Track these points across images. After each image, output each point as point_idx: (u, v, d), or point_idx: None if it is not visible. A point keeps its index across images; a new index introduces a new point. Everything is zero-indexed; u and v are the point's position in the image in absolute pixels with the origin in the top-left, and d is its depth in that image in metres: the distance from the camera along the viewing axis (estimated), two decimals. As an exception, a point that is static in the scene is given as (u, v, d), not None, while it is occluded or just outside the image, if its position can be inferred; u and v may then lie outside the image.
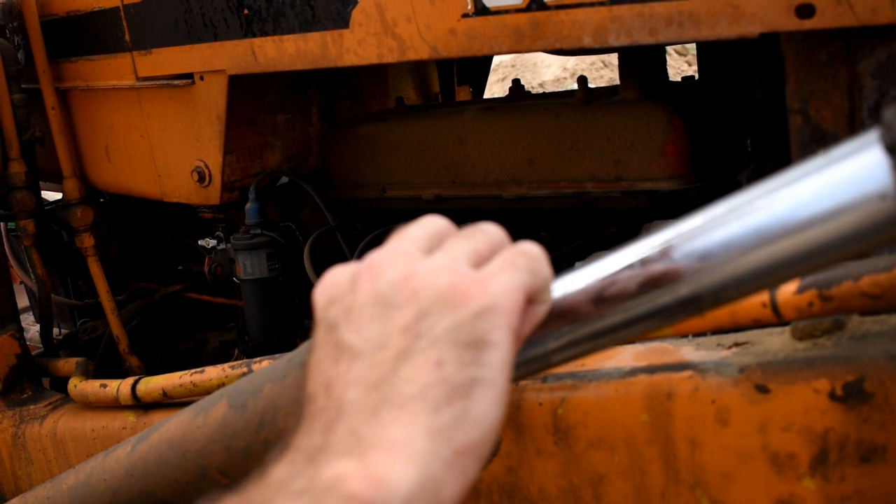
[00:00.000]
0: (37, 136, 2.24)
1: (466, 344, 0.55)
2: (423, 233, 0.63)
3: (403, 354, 0.56)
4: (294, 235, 2.06)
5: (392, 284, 0.58)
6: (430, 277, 0.58)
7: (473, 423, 0.54)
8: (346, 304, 0.60)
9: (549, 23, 1.33)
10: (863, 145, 0.55)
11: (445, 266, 0.59)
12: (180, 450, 1.16)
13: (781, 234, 0.57)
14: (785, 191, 0.58)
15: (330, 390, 0.56)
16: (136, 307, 2.51)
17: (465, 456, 0.53)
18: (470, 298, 0.57)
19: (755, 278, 0.60)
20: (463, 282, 0.57)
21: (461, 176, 1.90)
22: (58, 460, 2.06)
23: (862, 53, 1.11)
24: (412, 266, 0.59)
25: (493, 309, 0.57)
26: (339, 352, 0.58)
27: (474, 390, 0.55)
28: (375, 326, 0.57)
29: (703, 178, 1.64)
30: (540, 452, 1.17)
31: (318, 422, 0.56)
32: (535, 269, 0.60)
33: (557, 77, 9.43)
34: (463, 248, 0.61)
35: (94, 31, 2.13)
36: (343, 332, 0.58)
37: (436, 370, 0.55)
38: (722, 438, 1.04)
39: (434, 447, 0.52)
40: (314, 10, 1.62)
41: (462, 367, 0.55)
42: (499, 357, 0.56)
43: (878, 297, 0.94)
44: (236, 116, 1.97)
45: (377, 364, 0.56)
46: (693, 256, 0.61)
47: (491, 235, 0.63)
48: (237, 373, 1.57)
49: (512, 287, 0.58)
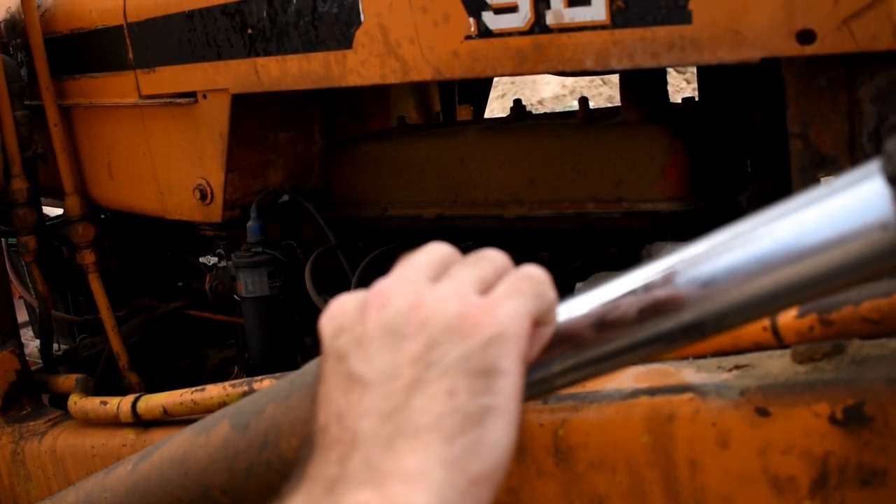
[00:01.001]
0: (39, 152, 2.24)
1: (477, 372, 0.56)
2: (429, 260, 0.64)
3: (415, 385, 0.56)
4: (295, 253, 2.06)
5: (401, 314, 0.59)
6: (438, 306, 0.59)
7: (487, 451, 0.55)
8: (356, 334, 0.60)
9: (552, 45, 1.34)
10: (864, 175, 0.56)
11: (453, 294, 0.59)
12: (182, 469, 1.17)
13: (784, 262, 0.58)
14: (788, 219, 0.58)
15: (342, 421, 0.57)
16: (136, 324, 2.50)
17: (479, 484, 0.55)
18: (479, 327, 0.57)
19: (758, 305, 0.61)
20: (472, 310, 0.58)
21: (462, 195, 1.91)
22: (57, 477, 2.05)
23: (862, 79, 1.12)
24: (420, 295, 0.60)
25: (503, 336, 0.57)
26: (350, 383, 0.58)
27: (487, 418, 0.55)
28: (386, 357, 0.58)
29: (704, 199, 1.65)
30: (541, 473, 1.18)
31: (332, 452, 0.56)
32: (540, 292, 0.61)
33: (557, 94, 9.47)
34: (469, 276, 0.62)
35: (97, 48, 2.14)
36: (353, 363, 0.59)
37: (448, 400, 0.55)
38: (723, 461, 1.04)
39: (449, 477, 0.53)
40: (318, 31, 1.63)
41: (474, 396, 0.56)
42: (510, 384, 0.57)
43: (879, 321, 0.95)
44: (239, 135, 1.98)
45: (389, 395, 0.56)
46: (697, 283, 0.61)
47: (495, 262, 0.64)
48: (238, 391, 1.57)
49: (519, 313, 0.59)
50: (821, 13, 1.09)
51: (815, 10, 1.09)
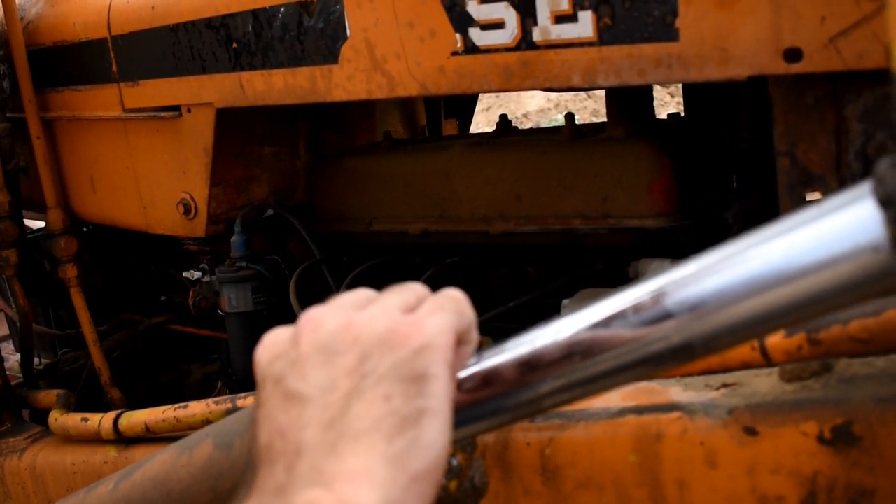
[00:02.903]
0: (21, 165, 2.23)
1: (410, 378, 0.59)
2: (355, 296, 0.68)
3: (352, 394, 0.59)
4: (280, 269, 2.05)
5: (332, 334, 0.62)
6: (367, 325, 0.62)
7: (425, 449, 0.58)
8: (290, 357, 0.63)
9: (539, 62, 1.34)
10: (855, 197, 0.55)
11: (381, 313, 0.63)
12: (164, 489, 1.15)
13: (775, 284, 0.57)
14: (778, 240, 0.58)
15: (285, 436, 0.59)
16: (118, 338, 2.48)
17: (420, 481, 0.57)
18: (407, 339, 0.61)
19: (748, 327, 0.60)
20: (399, 325, 0.62)
21: (448, 211, 1.90)
22: (37, 495, 2.03)
23: (849, 97, 1.12)
24: (349, 317, 0.63)
25: (430, 346, 0.61)
26: (289, 401, 0.61)
27: (422, 420, 0.58)
28: (321, 373, 0.61)
29: (690, 215, 1.65)
30: (527, 492, 1.17)
31: (277, 465, 0.59)
32: (461, 310, 0.65)
33: (542, 108, 9.49)
34: (394, 300, 0.66)
35: (81, 61, 2.13)
36: (290, 382, 0.61)
37: (385, 404, 0.58)
38: (711, 480, 1.04)
39: (392, 474, 0.56)
40: (303, 46, 1.62)
41: (409, 399, 0.59)
42: (441, 388, 0.60)
43: (867, 341, 0.95)
44: (223, 149, 1.97)
45: (328, 406, 0.59)
46: (686, 304, 0.61)
47: (416, 290, 0.68)
48: (221, 408, 1.56)
49: (443, 326, 0.62)
50: (808, 32, 1.09)
51: (802, 29, 1.10)
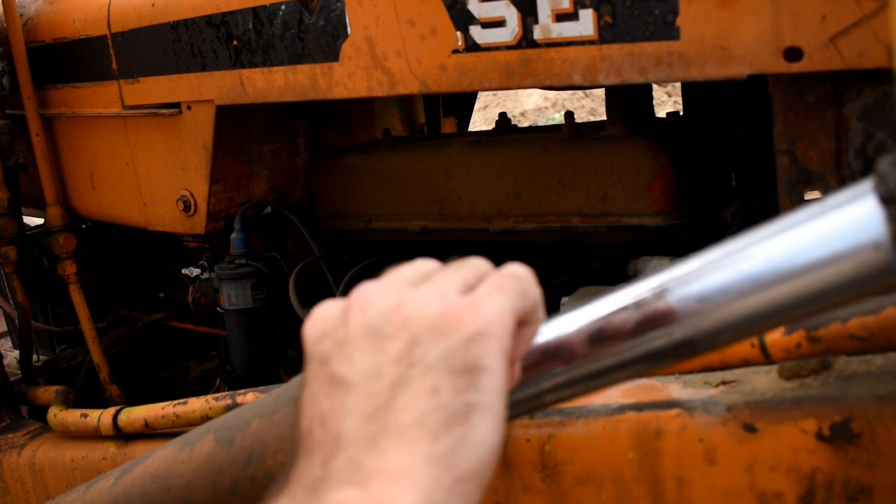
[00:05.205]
0: (20, 162, 2.23)
1: (460, 370, 0.56)
2: (413, 270, 0.64)
3: (398, 384, 0.56)
4: (279, 266, 2.05)
5: (382, 315, 0.59)
6: (419, 306, 0.58)
7: (473, 448, 0.54)
8: (338, 337, 0.60)
9: (540, 60, 1.34)
10: (857, 195, 0.56)
11: (435, 294, 0.59)
12: (164, 484, 1.15)
13: (777, 281, 0.58)
14: (780, 237, 0.58)
15: (326, 423, 0.56)
16: (117, 335, 2.48)
17: (466, 482, 0.53)
18: (461, 324, 0.57)
19: (750, 323, 0.60)
20: (453, 308, 0.58)
21: (447, 208, 1.91)
22: (36, 491, 2.03)
23: (849, 96, 1.12)
24: (401, 296, 0.59)
25: (486, 334, 0.57)
26: (333, 385, 0.58)
27: (472, 416, 0.55)
28: (368, 357, 0.57)
29: (689, 214, 1.65)
30: (527, 489, 1.17)
31: (315, 455, 0.56)
32: (523, 290, 0.60)
33: (539, 106, 9.49)
34: (451, 278, 0.61)
35: (81, 58, 2.13)
36: (336, 365, 0.58)
37: (432, 397, 0.55)
38: (710, 477, 1.04)
39: (436, 474, 0.52)
40: (304, 43, 1.63)
41: (458, 393, 0.55)
42: (494, 381, 0.56)
43: (866, 339, 0.95)
44: (223, 146, 1.97)
45: (372, 395, 0.56)
46: (688, 300, 0.61)
47: (477, 266, 0.63)
48: (221, 405, 1.56)
49: (502, 310, 0.58)
50: (808, 31, 1.10)
51: (802, 28, 1.10)
